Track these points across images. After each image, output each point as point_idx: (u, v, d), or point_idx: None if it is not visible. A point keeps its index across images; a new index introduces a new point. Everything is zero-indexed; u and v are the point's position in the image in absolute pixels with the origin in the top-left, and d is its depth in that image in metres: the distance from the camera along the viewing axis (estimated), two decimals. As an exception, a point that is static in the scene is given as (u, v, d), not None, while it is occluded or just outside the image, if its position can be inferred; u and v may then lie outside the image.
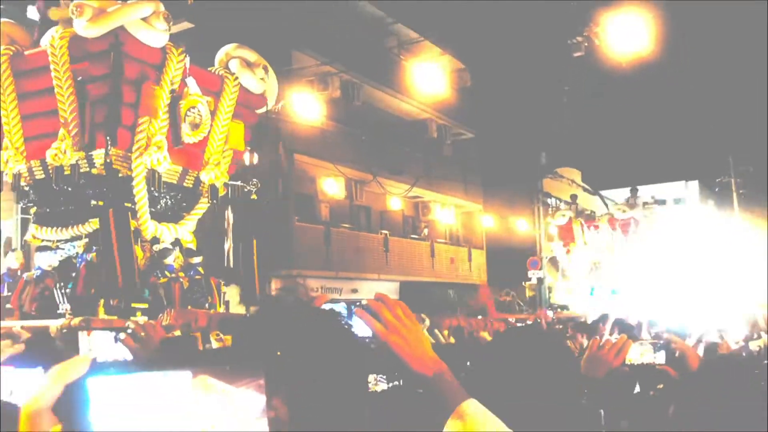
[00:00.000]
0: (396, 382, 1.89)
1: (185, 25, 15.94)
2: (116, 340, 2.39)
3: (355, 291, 18.10)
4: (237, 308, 6.64)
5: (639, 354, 2.28)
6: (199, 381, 0.63)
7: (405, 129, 21.27)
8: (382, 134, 19.45)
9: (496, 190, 24.08)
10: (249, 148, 5.24)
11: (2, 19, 4.96)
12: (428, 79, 13.54)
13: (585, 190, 26.20)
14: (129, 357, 2.23)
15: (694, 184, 31.45)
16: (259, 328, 1.13)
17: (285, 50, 16.29)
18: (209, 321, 3.97)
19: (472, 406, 1.17)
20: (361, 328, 1.21)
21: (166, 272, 4.31)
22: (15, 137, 4.42)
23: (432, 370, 1.20)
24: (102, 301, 3.74)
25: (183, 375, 0.62)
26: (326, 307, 1.25)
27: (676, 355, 2.23)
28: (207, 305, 4.77)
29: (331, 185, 17.64)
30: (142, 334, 2.08)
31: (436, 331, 7.26)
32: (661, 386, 2.50)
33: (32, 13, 12.48)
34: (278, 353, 0.98)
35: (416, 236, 21.94)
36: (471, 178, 23.79)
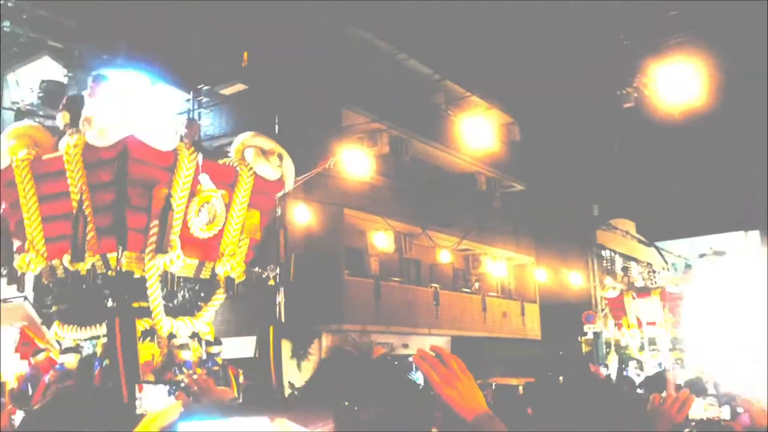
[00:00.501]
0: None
1: (239, 87, 16.60)
2: (170, 393, 2.44)
3: (405, 346, 17.94)
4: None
5: (703, 409, 2.21)
6: (278, 423, 0.70)
7: (454, 182, 21.35)
8: (431, 188, 19.57)
9: (548, 242, 23.75)
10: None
11: (26, 122, 5.16)
12: (476, 133, 13.65)
13: (640, 241, 25.61)
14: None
15: (755, 234, 30.34)
16: (326, 377, 1.18)
17: (335, 108, 16.73)
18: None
19: None
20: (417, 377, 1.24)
21: (184, 369, 4.30)
22: (36, 239, 4.57)
23: (485, 424, 1.21)
24: None
25: (262, 420, 0.69)
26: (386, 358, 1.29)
27: (741, 410, 2.16)
28: None
29: (381, 239, 17.76)
30: (195, 388, 2.14)
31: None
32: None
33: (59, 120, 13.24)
34: (346, 403, 1.03)
35: (467, 290, 21.72)
36: (522, 231, 23.58)
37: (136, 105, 4.43)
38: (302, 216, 13.17)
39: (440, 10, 18.22)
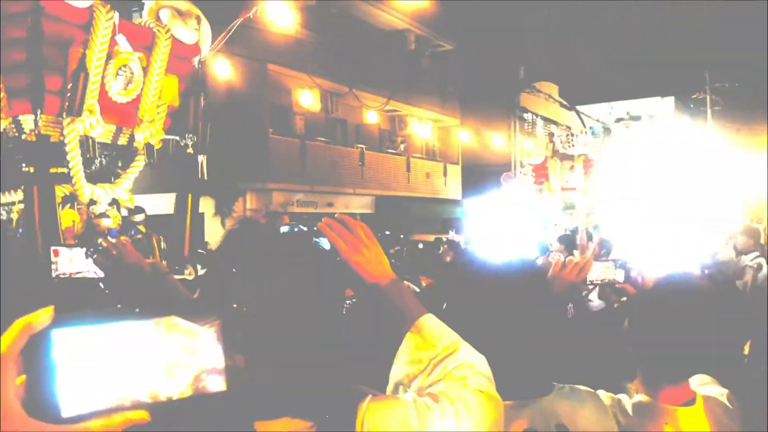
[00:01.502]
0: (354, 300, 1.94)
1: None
2: (87, 256, 2.38)
3: (330, 205, 18.17)
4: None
5: (600, 272, 2.38)
6: (165, 323, 0.65)
7: (383, 40, 20.77)
8: (360, 45, 18.99)
9: (473, 104, 23.88)
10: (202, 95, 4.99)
11: None
12: (406, -13, 13.11)
13: (562, 105, 26.11)
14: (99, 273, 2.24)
15: (670, 100, 31.48)
16: (232, 245, 1.14)
17: (257, -46, 15.58)
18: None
19: (429, 320, 1.19)
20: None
21: (109, 237, 4.22)
22: None
23: (390, 285, 1.22)
24: None
25: (146, 324, 0.64)
26: (286, 228, 1.26)
27: (634, 274, 2.33)
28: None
29: (307, 97, 17.33)
30: (114, 252, 2.09)
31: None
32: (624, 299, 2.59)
33: None
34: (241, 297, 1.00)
35: (393, 150, 21.87)
36: (449, 93, 23.53)
37: None
38: (223, 71, 12.57)
39: None
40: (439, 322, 1.20)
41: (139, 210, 4.67)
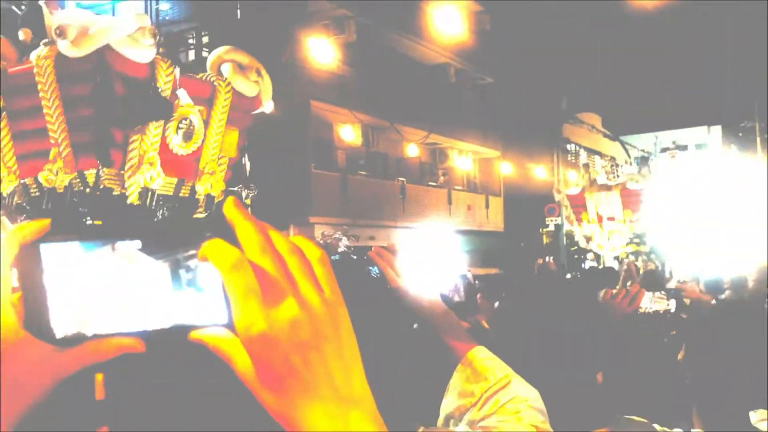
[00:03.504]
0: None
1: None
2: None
3: (372, 238, 18.21)
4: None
5: (651, 302, 2.32)
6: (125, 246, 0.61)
7: (423, 74, 20.96)
8: (400, 80, 19.21)
9: (515, 136, 23.80)
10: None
11: None
12: (446, 21, 13.26)
13: (605, 135, 25.83)
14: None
15: (717, 129, 30.84)
16: None
17: (300, -6, 16.01)
18: None
19: (480, 352, 1.18)
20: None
21: None
22: (7, 156, 4.33)
23: (440, 318, 1.21)
24: None
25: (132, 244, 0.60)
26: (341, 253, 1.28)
27: (688, 303, 2.27)
28: None
29: (348, 132, 17.55)
30: None
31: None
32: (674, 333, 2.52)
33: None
34: None
35: (434, 183, 21.88)
36: (490, 125, 23.52)
37: (107, 16, 4.18)
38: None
39: None
40: (491, 354, 1.18)
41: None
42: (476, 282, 7.98)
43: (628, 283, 5.80)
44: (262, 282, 0.50)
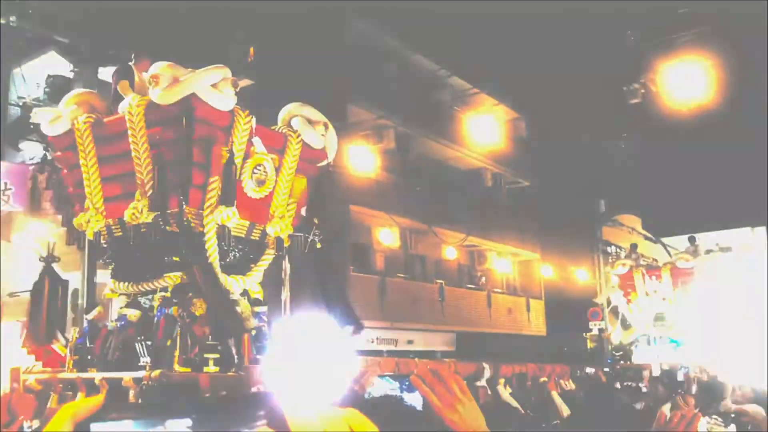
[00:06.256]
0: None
1: (245, 82, 16.60)
2: None
3: (410, 342, 17.95)
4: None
5: (708, 427, 2.19)
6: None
7: (460, 178, 21.31)
8: (437, 184, 19.54)
9: (553, 238, 23.69)
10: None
11: (82, 90, 5.39)
12: (482, 129, 13.63)
13: (646, 238, 25.51)
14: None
15: (762, 230, 30.22)
16: None
17: (341, 105, 16.70)
18: None
19: None
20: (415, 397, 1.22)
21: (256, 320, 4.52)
22: (95, 198, 4.78)
23: None
24: (177, 353, 3.91)
25: (182, 423, 0.61)
26: (377, 392, 1.27)
27: (749, 428, 2.14)
28: None
29: (387, 235, 17.74)
30: None
31: (499, 388, 7.02)
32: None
33: (103, 74, 13.28)
34: None
35: (472, 286, 21.70)
36: (528, 227, 23.53)
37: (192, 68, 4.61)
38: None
39: (447, 5, 18.15)
40: None
41: (260, 302, 4.91)
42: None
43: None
44: None
